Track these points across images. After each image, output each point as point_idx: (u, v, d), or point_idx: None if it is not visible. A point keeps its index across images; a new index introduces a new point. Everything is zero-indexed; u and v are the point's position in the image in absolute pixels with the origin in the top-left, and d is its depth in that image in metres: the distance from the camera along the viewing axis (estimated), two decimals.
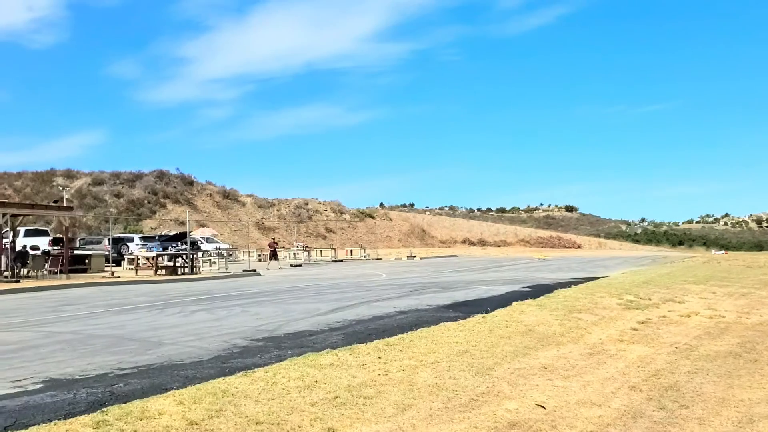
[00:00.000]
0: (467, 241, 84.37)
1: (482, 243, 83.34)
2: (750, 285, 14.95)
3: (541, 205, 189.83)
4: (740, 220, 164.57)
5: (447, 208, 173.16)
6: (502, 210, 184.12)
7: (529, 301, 12.43)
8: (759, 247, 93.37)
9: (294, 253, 38.90)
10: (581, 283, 17.02)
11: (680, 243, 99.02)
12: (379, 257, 43.35)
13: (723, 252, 47.99)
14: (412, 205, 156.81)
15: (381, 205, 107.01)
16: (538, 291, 14.74)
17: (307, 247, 41.53)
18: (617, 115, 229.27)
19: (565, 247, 79.17)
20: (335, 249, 42.80)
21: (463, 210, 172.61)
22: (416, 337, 8.53)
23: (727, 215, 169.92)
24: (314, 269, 30.56)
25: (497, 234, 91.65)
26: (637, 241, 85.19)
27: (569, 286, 15.65)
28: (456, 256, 48.88)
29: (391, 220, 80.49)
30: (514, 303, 12.14)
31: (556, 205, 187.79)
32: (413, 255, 45.04)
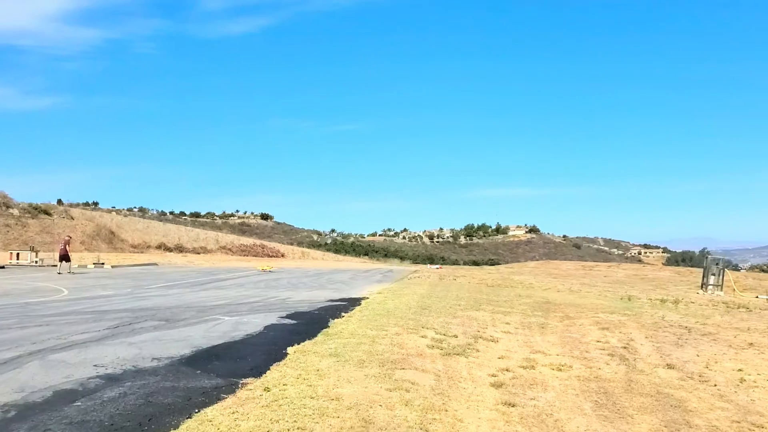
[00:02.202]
0: (163, 247, 76.38)
1: (180, 249, 76.14)
2: (529, 312, 13.45)
3: (237, 211, 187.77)
4: (416, 234, 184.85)
5: (137, 210, 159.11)
6: (196, 215, 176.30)
7: (308, 344, 8.58)
8: (430, 259, 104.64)
9: None
10: (344, 307, 13.72)
11: (365, 254, 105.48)
12: (56, 263, 34.56)
13: (438, 267, 50.42)
14: (96, 204, 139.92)
15: (59, 201, 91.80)
16: (306, 324, 10.89)
17: None
18: (309, 131, 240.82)
19: (269, 255, 76.72)
20: None
21: (155, 212, 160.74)
22: None
23: (405, 230, 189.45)
24: None
25: (197, 240, 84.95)
26: (337, 251, 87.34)
27: (338, 314, 12.19)
28: (156, 264, 42.03)
29: (72, 218, 68.14)
30: (291, 350, 8.17)
31: (252, 213, 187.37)
32: (102, 262, 37.15)
